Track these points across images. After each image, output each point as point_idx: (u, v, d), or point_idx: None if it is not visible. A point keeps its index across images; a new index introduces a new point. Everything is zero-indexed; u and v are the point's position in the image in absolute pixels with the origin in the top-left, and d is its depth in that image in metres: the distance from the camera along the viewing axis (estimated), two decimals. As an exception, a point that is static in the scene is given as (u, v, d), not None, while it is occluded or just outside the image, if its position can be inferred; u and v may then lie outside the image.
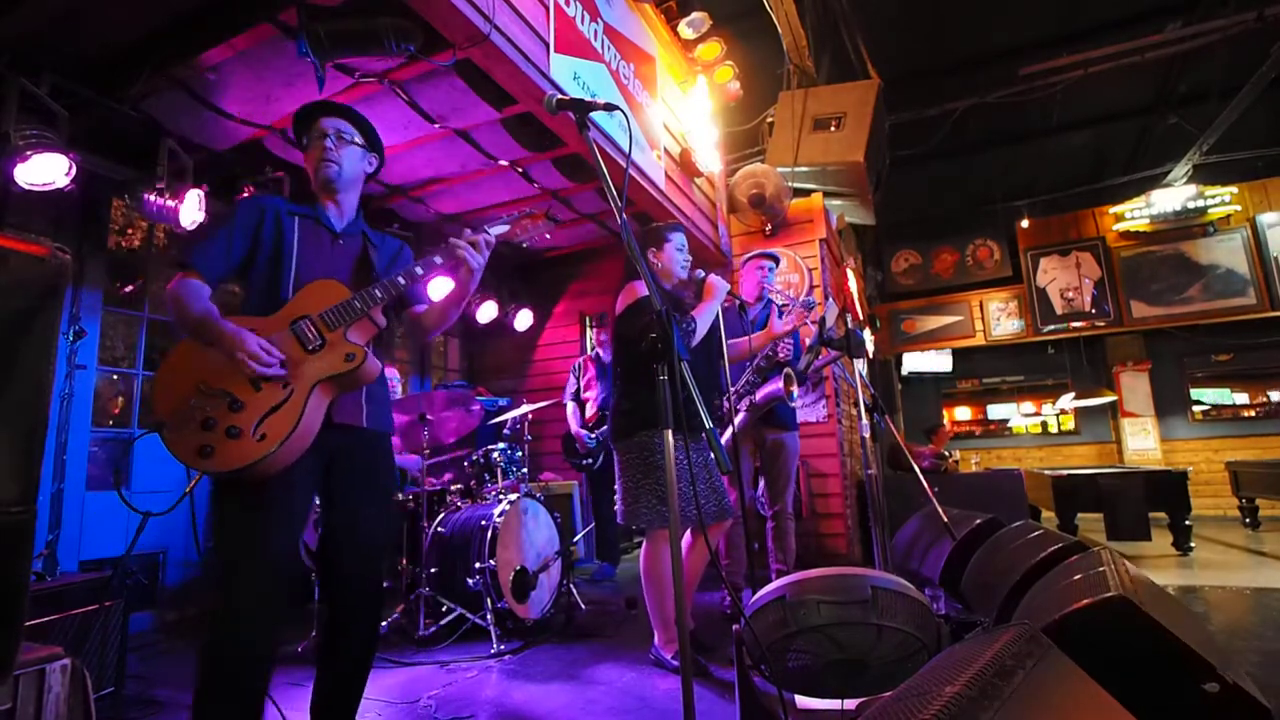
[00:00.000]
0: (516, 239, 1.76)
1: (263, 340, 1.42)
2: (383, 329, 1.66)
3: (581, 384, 4.46)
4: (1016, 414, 9.52)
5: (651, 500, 2.32)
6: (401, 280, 1.57)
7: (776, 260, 3.41)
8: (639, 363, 2.39)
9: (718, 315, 2.43)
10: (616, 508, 2.45)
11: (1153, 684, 0.92)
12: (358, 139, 1.69)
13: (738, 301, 2.60)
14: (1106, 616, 0.97)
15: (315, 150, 1.64)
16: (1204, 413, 8.20)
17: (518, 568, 2.96)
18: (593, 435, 4.25)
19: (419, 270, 1.60)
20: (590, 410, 4.36)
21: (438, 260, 1.61)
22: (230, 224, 1.56)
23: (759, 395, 3.04)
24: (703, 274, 2.49)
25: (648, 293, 2.35)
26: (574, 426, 4.32)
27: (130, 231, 3.72)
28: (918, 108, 6.27)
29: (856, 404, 2.81)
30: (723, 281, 2.46)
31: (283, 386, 1.42)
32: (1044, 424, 9.29)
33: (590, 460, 4.29)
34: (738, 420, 3.01)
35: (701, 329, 2.36)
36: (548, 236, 1.79)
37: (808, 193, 4.97)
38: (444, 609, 2.94)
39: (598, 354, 4.50)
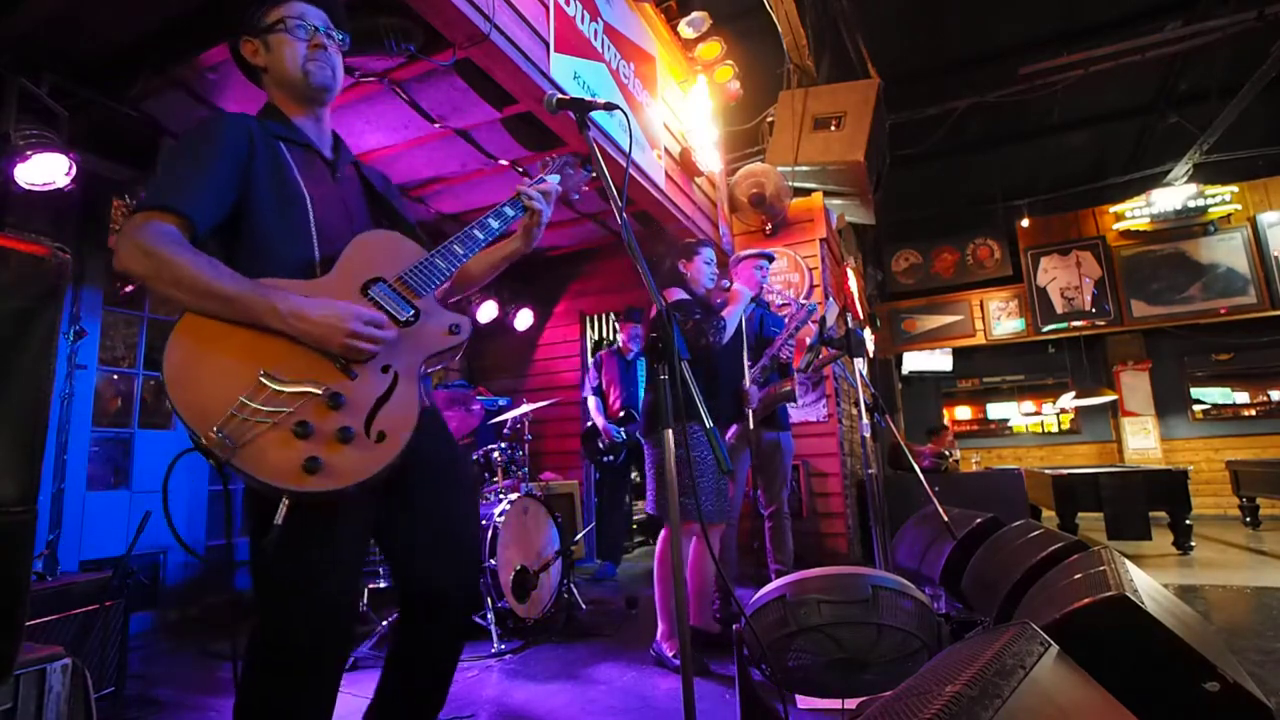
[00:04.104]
0: (567, 189, 1.61)
1: (363, 309, 1.09)
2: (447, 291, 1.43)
3: (604, 379, 4.45)
4: (1017, 413, 9.51)
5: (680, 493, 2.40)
6: (480, 234, 1.31)
7: (771, 259, 3.42)
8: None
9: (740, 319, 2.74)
10: (648, 498, 2.60)
11: (1153, 683, 0.92)
12: (338, 40, 1.33)
13: None
14: (1107, 615, 0.97)
15: (289, 44, 1.25)
16: (1204, 412, 8.20)
17: (518, 567, 2.96)
18: (620, 430, 4.24)
19: (494, 223, 1.35)
20: (614, 405, 4.35)
21: (510, 212, 1.40)
22: (214, 147, 1.12)
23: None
24: (728, 284, 2.84)
25: (678, 297, 2.66)
26: (600, 420, 4.30)
27: (130, 231, 3.71)
28: (918, 107, 6.27)
29: (857, 403, 2.81)
30: (746, 289, 2.80)
31: (382, 370, 1.10)
32: (1044, 423, 9.29)
33: (612, 457, 4.28)
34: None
35: (729, 329, 2.65)
36: (584, 188, 1.71)
37: (808, 192, 4.96)
38: (444, 609, 2.94)
39: (618, 349, 4.49)
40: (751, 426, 2.78)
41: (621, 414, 4.31)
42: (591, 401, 4.39)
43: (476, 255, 1.36)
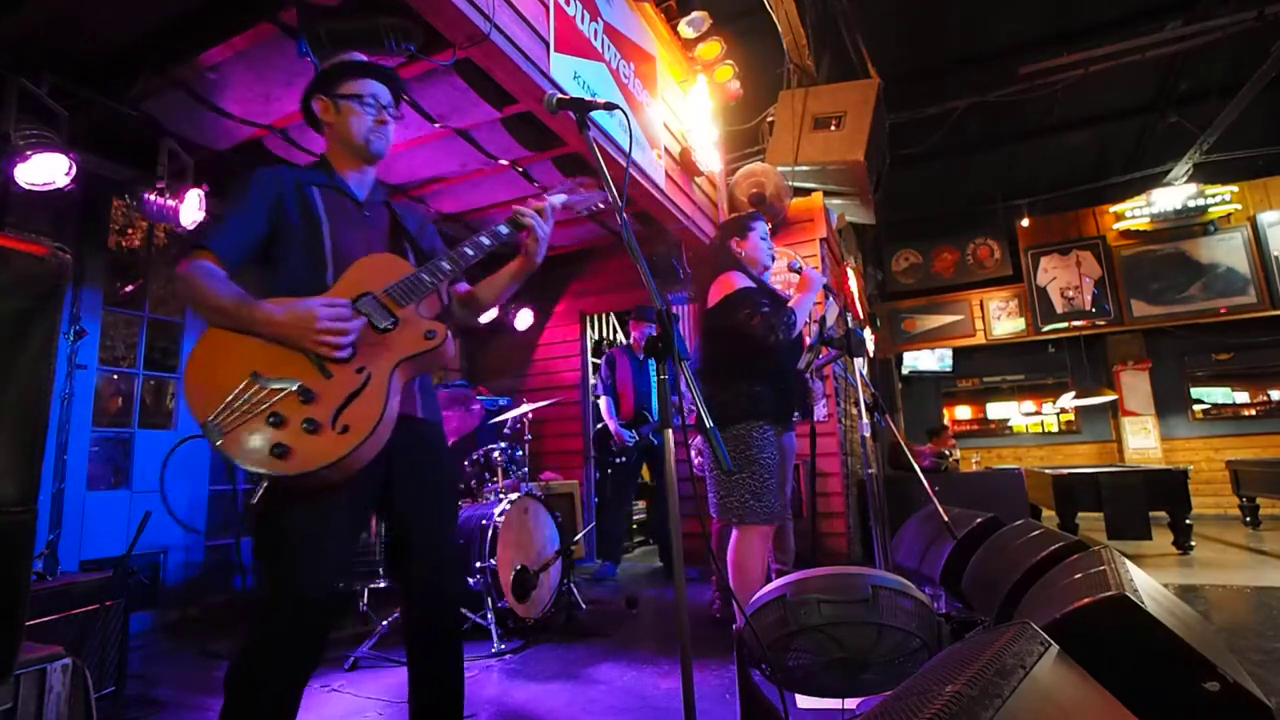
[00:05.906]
0: (574, 207, 1.67)
1: (334, 308, 1.25)
2: (446, 306, 1.56)
3: (617, 378, 4.45)
4: (1017, 413, 9.51)
5: (744, 495, 2.31)
6: (470, 251, 1.44)
7: (774, 257, 3.42)
8: (736, 354, 2.42)
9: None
10: (710, 500, 2.44)
11: (1153, 683, 0.92)
12: (396, 115, 1.55)
13: None
14: (1107, 615, 0.97)
15: (358, 114, 1.47)
16: (1204, 412, 8.20)
17: (518, 567, 2.96)
18: (634, 434, 4.24)
19: (486, 240, 1.47)
20: (627, 405, 4.35)
21: (504, 230, 1.51)
22: (245, 200, 1.36)
23: None
24: (799, 265, 2.60)
25: (742, 285, 2.44)
26: (614, 425, 4.30)
27: (130, 231, 3.72)
28: (918, 107, 6.27)
29: (857, 403, 2.80)
30: (818, 274, 2.55)
31: (356, 371, 1.24)
32: (1044, 423, 9.29)
33: (624, 458, 4.29)
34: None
35: (800, 320, 2.43)
36: (600, 206, 1.73)
37: (808, 192, 4.96)
38: (444, 608, 2.94)
39: (629, 347, 4.51)
40: (815, 418, 2.72)
41: (634, 415, 4.31)
42: (603, 402, 4.37)
43: (487, 281, 1.58)
